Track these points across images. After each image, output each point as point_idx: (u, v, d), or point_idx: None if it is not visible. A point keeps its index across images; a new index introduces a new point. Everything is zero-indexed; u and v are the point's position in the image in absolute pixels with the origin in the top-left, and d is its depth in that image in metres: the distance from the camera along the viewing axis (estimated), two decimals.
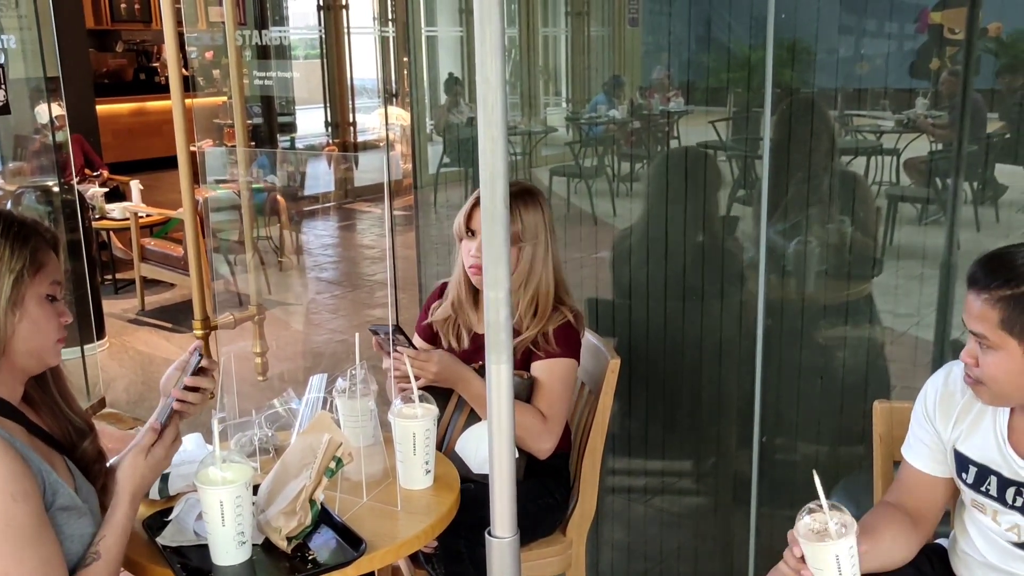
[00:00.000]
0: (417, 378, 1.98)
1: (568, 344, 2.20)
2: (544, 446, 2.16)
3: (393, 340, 2.07)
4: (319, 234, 8.28)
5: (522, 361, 2.20)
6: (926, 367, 2.67)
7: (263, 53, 4.07)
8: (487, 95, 1.27)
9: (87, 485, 1.62)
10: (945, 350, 2.61)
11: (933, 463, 1.72)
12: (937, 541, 1.86)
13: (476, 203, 2.24)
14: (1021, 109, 2.58)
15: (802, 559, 1.45)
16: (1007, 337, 1.48)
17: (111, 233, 6.54)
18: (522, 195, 2.21)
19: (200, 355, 1.66)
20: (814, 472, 1.39)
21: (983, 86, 2.55)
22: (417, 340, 2.40)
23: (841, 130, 2.79)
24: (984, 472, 1.63)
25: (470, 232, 2.22)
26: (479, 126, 1.28)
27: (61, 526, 1.48)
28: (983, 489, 1.64)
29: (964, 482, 1.67)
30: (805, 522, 1.43)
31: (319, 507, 1.66)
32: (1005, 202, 2.69)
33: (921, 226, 2.80)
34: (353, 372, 1.89)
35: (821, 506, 1.41)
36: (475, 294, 2.29)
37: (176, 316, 5.94)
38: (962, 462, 1.67)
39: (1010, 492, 1.59)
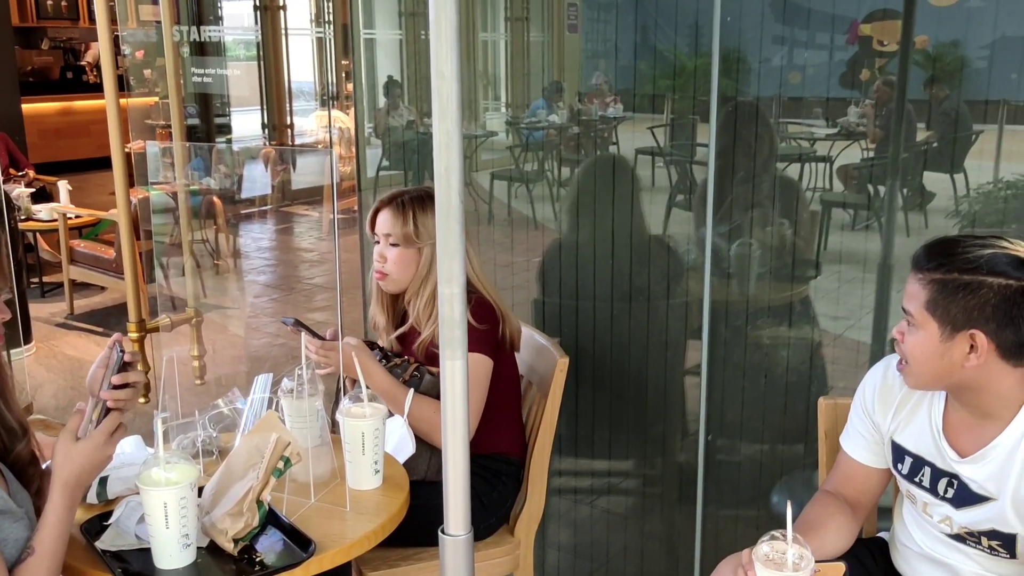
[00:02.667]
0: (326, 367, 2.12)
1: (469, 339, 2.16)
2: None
3: (295, 331, 2.10)
4: (256, 237, 8.15)
5: (428, 360, 2.22)
6: (864, 368, 2.73)
7: (199, 50, 3.99)
8: (442, 88, 1.26)
9: (22, 491, 1.57)
10: (885, 350, 2.67)
11: (869, 454, 1.77)
12: (879, 535, 1.91)
13: (379, 206, 2.29)
14: (948, 119, 2.66)
15: None
16: (929, 318, 1.54)
17: (38, 235, 6.35)
18: (420, 199, 2.27)
19: (121, 351, 1.59)
20: (788, 504, 1.40)
21: (911, 97, 2.63)
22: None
23: (776, 137, 2.85)
24: (919, 463, 1.68)
25: (375, 236, 2.28)
26: (434, 120, 1.27)
27: None
28: (917, 480, 1.68)
29: (900, 472, 1.72)
30: (764, 550, 1.42)
31: (266, 508, 1.63)
32: (933, 209, 2.77)
33: (854, 231, 2.87)
34: (299, 372, 1.86)
35: (784, 536, 1.41)
36: (390, 299, 2.35)
37: (107, 320, 5.79)
38: (898, 453, 1.72)
39: (942, 483, 1.64)
